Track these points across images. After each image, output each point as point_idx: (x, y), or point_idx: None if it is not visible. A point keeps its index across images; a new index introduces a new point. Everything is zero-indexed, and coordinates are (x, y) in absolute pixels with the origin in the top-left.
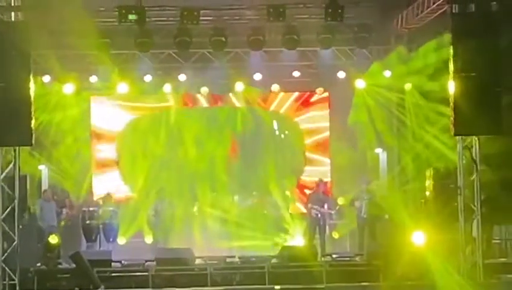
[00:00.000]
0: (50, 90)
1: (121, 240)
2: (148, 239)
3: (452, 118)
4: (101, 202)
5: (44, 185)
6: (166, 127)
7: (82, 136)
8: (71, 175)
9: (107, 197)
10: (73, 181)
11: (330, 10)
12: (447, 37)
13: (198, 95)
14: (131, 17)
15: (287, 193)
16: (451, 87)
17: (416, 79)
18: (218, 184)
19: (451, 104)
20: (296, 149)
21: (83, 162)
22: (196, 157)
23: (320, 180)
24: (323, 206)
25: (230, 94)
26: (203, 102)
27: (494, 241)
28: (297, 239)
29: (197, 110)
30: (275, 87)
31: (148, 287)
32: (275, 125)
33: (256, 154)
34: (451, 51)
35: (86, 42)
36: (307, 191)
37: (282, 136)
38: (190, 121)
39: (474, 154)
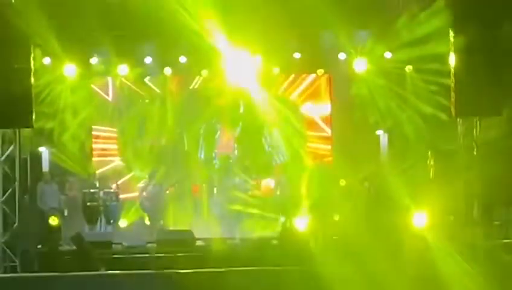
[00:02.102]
0: (51, 72)
1: (122, 222)
2: (148, 221)
3: (453, 99)
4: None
5: (45, 167)
6: (162, 110)
7: (86, 119)
8: (76, 158)
9: (101, 178)
10: (78, 163)
11: None
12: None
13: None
14: None
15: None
16: (452, 62)
17: (416, 52)
18: (219, 166)
19: (452, 84)
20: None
21: (86, 145)
22: (195, 139)
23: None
24: None
25: None
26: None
27: (495, 222)
28: (300, 220)
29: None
30: (275, 69)
31: (149, 269)
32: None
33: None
34: (451, 31)
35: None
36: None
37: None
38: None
39: (475, 135)
